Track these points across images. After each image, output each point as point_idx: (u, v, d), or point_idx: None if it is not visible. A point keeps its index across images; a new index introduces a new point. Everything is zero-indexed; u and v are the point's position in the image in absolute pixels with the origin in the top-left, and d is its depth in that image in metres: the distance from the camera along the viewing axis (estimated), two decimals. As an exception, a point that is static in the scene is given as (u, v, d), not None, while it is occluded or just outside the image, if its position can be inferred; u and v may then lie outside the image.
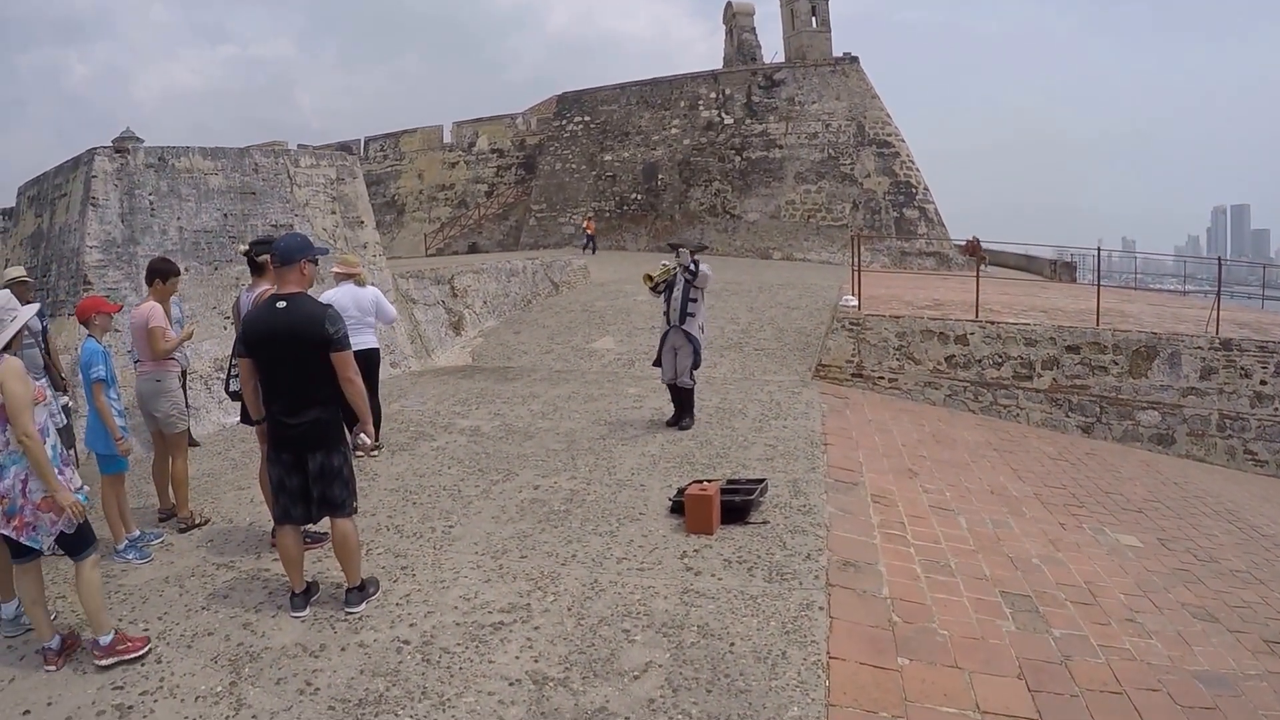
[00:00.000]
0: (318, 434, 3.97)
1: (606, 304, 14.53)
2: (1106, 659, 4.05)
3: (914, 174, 26.02)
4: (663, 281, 7.71)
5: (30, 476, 3.52)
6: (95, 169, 8.28)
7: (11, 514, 3.50)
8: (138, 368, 5.60)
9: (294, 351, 3.89)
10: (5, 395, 3.44)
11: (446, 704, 3.23)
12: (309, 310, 3.93)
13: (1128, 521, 6.85)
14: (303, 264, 4.05)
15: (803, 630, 3.78)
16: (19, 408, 3.43)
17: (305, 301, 3.98)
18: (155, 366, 5.35)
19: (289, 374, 3.93)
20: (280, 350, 3.90)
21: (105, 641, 3.58)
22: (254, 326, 4.00)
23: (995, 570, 5.00)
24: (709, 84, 29.49)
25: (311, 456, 3.97)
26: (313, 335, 3.88)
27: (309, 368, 3.92)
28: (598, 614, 3.96)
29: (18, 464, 3.51)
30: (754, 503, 5.24)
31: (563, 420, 8.01)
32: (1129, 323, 11.10)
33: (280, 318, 3.90)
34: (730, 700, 3.23)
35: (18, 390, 3.45)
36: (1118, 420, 10.03)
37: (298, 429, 3.94)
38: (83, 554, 3.63)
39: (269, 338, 3.91)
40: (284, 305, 3.93)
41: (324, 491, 4.00)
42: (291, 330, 3.87)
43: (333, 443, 4.03)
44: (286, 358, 3.91)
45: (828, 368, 10.69)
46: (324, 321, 3.89)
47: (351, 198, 11.15)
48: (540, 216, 31.76)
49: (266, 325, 3.93)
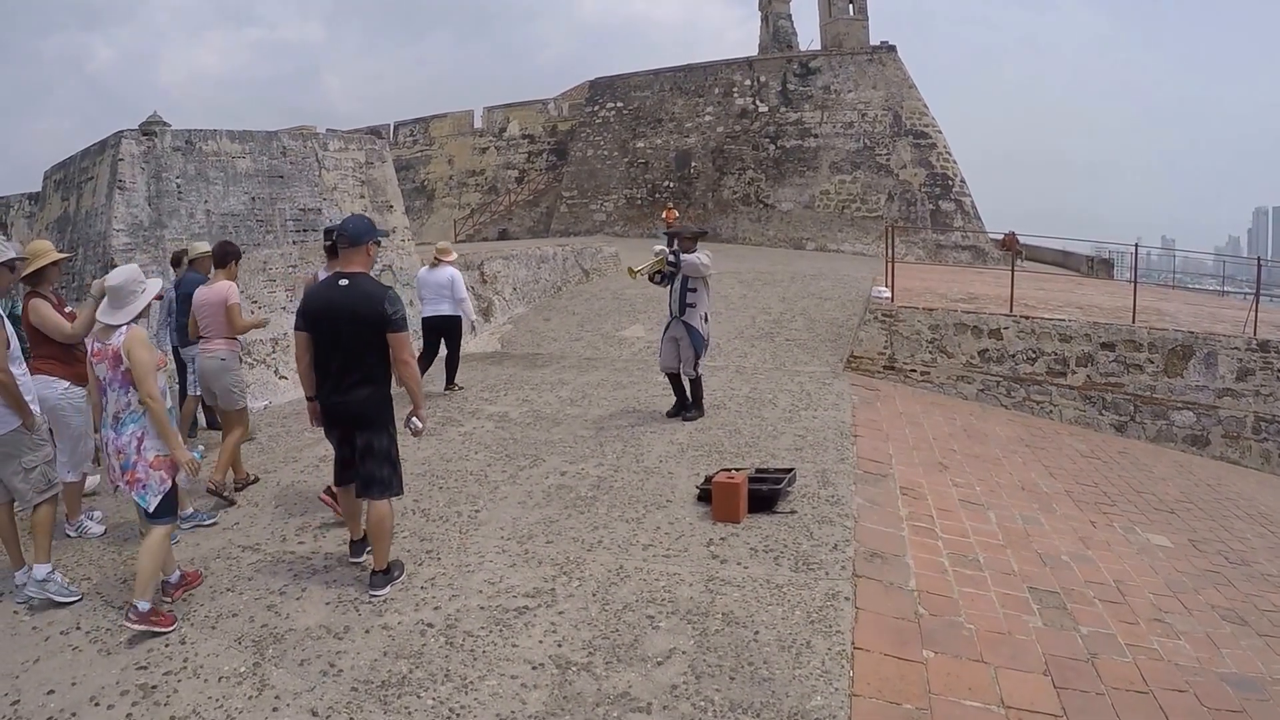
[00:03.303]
0: (366, 412, 4.06)
1: (637, 291, 14.52)
2: (1133, 658, 4.03)
3: (951, 166, 25.65)
4: (657, 273, 7.37)
5: (146, 435, 3.80)
6: (122, 152, 8.28)
7: (126, 469, 3.80)
8: (200, 345, 5.72)
9: (351, 328, 3.97)
10: (132, 361, 3.73)
11: (469, 687, 3.27)
12: (369, 289, 4.02)
13: (1159, 522, 6.77)
14: (368, 246, 4.15)
15: (828, 620, 3.79)
16: (145, 372, 3.73)
17: (366, 281, 4.07)
18: (223, 344, 5.58)
19: (343, 351, 4.01)
20: (337, 326, 3.98)
21: (143, 608, 3.70)
22: (314, 302, 4.10)
23: (1023, 566, 4.98)
24: (744, 71, 29.23)
25: (360, 434, 4.07)
26: (371, 313, 3.96)
27: (363, 345, 4.00)
28: (622, 600, 3.98)
29: (135, 423, 3.80)
30: (782, 492, 5.25)
31: (591, 407, 8.06)
32: (1165, 321, 10.92)
33: (341, 295, 3.99)
34: (753, 688, 3.25)
35: (144, 357, 3.75)
36: (1151, 420, 9.89)
37: (347, 406, 4.05)
38: (160, 519, 3.84)
39: (328, 313, 4.01)
40: (346, 283, 4.02)
41: (370, 471, 4.08)
42: (351, 307, 3.96)
43: (380, 423, 4.11)
44: (343, 334, 3.99)
45: (859, 359, 10.63)
46: (383, 301, 3.98)
47: (380, 182, 11.18)
48: (571, 203, 31.74)
49: (326, 301, 4.03)
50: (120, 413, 3.82)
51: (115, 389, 3.80)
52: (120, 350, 3.76)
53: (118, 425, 3.82)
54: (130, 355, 3.73)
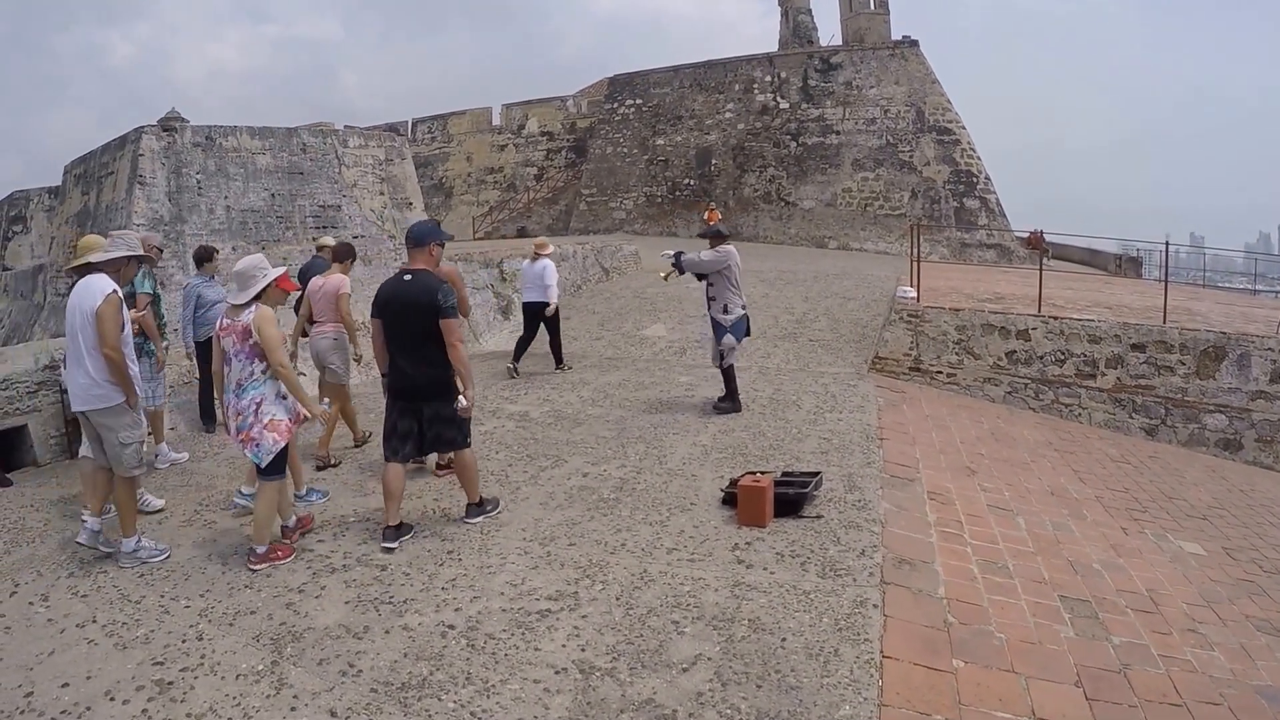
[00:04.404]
0: (429, 386, 4.72)
1: (658, 290, 14.48)
2: (1167, 669, 3.95)
3: (975, 163, 25.36)
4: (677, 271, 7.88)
5: (265, 401, 4.44)
6: (143, 147, 8.33)
7: (242, 429, 4.40)
8: (314, 328, 6.56)
9: (411, 316, 4.66)
10: (262, 336, 4.37)
11: (491, 690, 3.24)
12: (427, 283, 4.68)
13: (1191, 528, 6.65)
14: (431, 246, 4.89)
15: (856, 628, 3.75)
16: (274, 345, 4.38)
17: (426, 276, 4.74)
18: (332, 327, 6.47)
19: (407, 334, 4.70)
20: (401, 313, 4.69)
21: (261, 550, 4.37)
22: (384, 293, 4.82)
23: (1054, 574, 4.90)
24: (764, 67, 29.06)
25: (426, 405, 4.74)
26: (427, 303, 4.61)
27: (423, 330, 4.65)
28: (647, 604, 3.96)
29: (256, 390, 4.44)
30: (808, 496, 5.21)
31: (613, 407, 8.04)
32: (1197, 321, 10.71)
33: (404, 287, 4.72)
34: (780, 696, 3.21)
35: (271, 332, 4.41)
36: (1183, 423, 9.71)
37: (413, 380, 4.72)
38: (272, 476, 4.44)
39: (394, 303, 4.72)
40: (409, 278, 4.74)
41: (439, 433, 4.80)
42: (412, 298, 4.65)
43: (444, 394, 4.74)
44: (406, 319, 4.68)
45: (884, 360, 10.53)
46: (437, 293, 4.62)
47: (400, 179, 11.21)
48: (590, 201, 31.73)
49: (393, 292, 4.75)
50: (243, 380, 4.44)
51: (241, 359, 4.45)
52: (249, 326, 4.39)
53: (239, 391, 4.45)
54: (260, 331, 4.37)
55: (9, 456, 6.51)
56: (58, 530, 5.16)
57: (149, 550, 4.57)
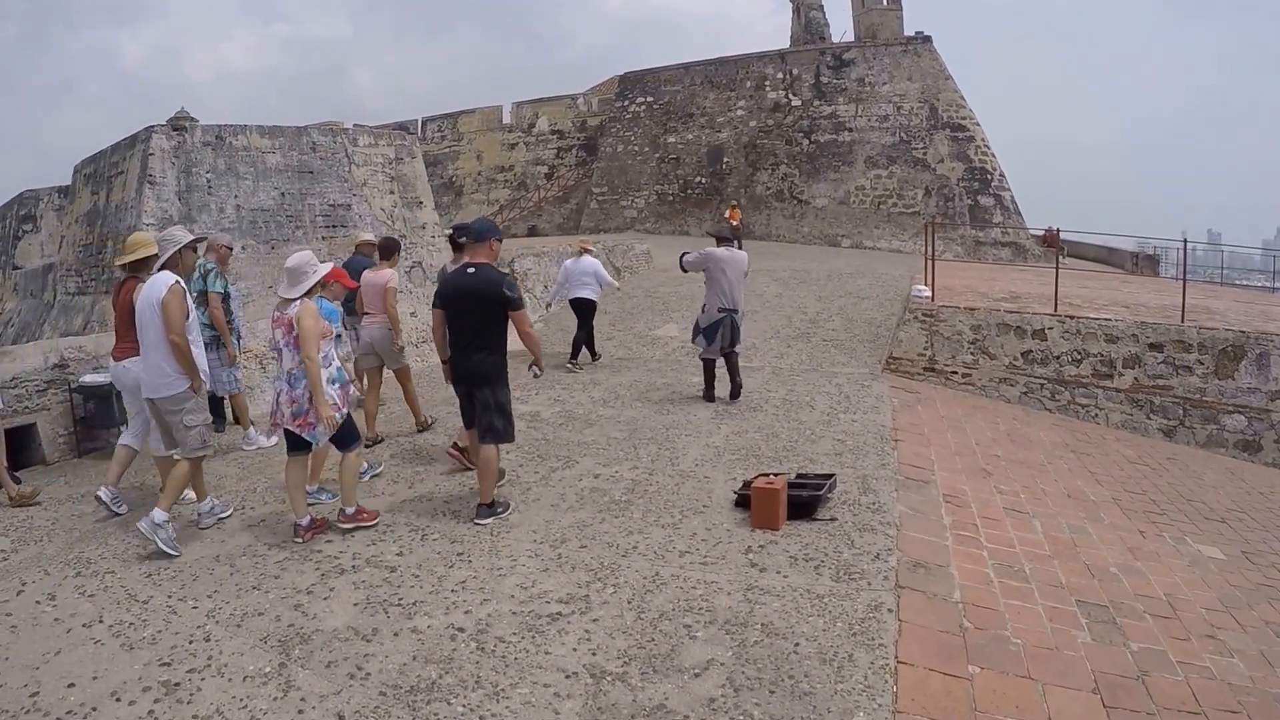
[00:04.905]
0: (484, 372, 5.03)
1: (670, 290, 14.44)
2: (1185, 676, 3.89)
3: (989, 160, 25.15)
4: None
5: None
6: (152, 147, 8.34)
7: (298, 415, 4.72)
8: (365, 318, 6.99)
9: (474, 306, 4.98)
10: (300, 328, 4.62)
11: (500, 694, 3.22)
12: (490, 276, 4.99)
13: (1210, 532, 6.56)
14: (491, 242, 5.16)
15: (870, 633, 3.71)
16: (307, 338, 4.63)
17: (489, 270, 5.05)
18: (383, 316, 6.87)
19: (468, 324, 5.01)
20: (465, 305, 5.01)
21: (350, 511, 4.86)
22: (447, 285, 5.21)
23: (1071, 578, 4.84)
24: (776, 64, 28.92)
25: (479, 390, 5.05)
26: (491, 295, 4.93)
27: (484, 320, 4.98)
28: (658, 608, 3.93)
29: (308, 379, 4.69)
30: (822, 498, 5.17)
31: (624, 408, 8.01)
32: (1215, 320, 10.56)
33: (468, 280, 5.00)
34: (794, 703, 3.18)
35: (309, 325, 4.66)
36: (1201, 424, 9.60)
37: (470, 366, 5.05)
38: (349, 447, 4.93)
39: (458, 294, 5.04)
40: (472, 271, 5.02)
41: (489, 421, 5.03)
42: (476, 290, 4.96)
43: (496, 381, 5.06)
44: (469, 311, 5.00)
45: (899, 360, 10.46)
46: (502, 286, 4.95)
47: (410, 178, 11.19)
48: (601, 200, 31.70)
49: (456, 285, 5.07)
50: (294, 369, 4.73)
51: (290, 350, 4.73)
52: (294, 319, 4.67)
53: (291, 379, 4.75)
54: (299, 323, 4.64)
55: (17, 455, 6.54)
56: (65, 529, 5.19)
57: (221, 506, 5.21)
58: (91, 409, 6.90)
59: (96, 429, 7.03)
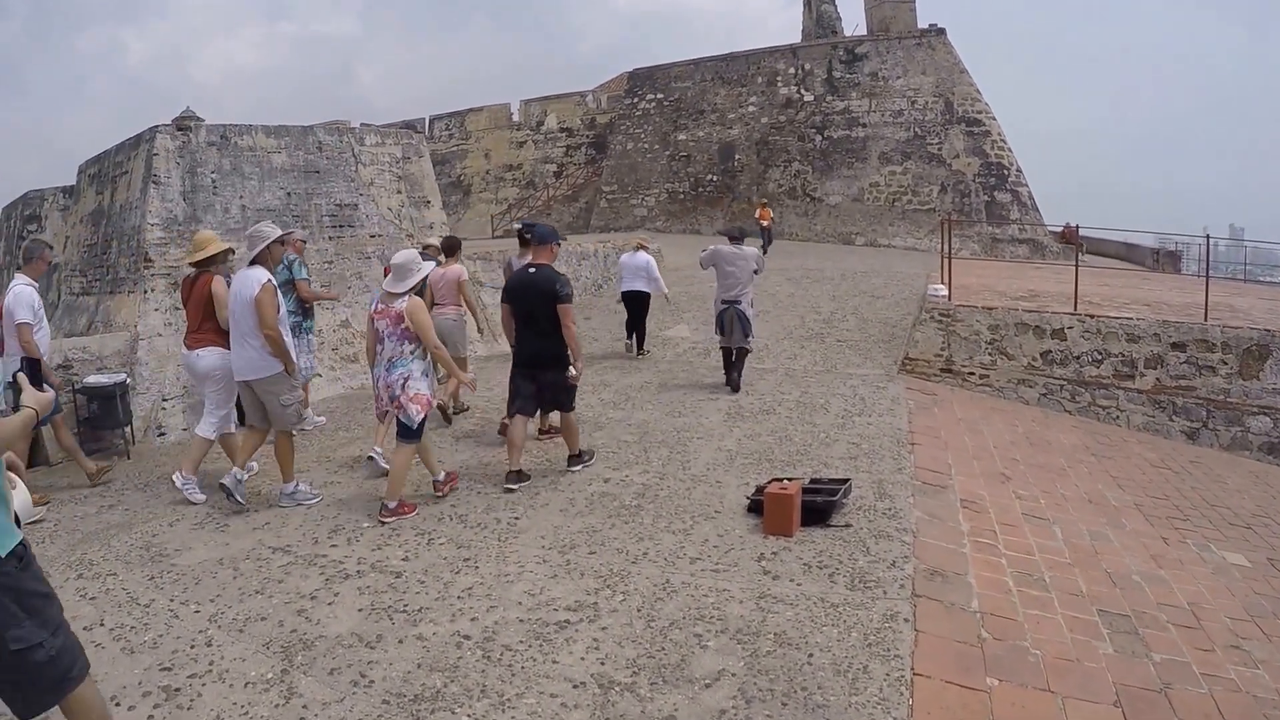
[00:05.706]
0: (547, 358, 5.77)
1: (681, 290, 14.34)
2: (1209, 689, 3.78)
3: (1006, 154, 24.87)
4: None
5: (410, 378, 5.14)
6: (157, 147, 8.30)
7: (393, 399, 5.16)
8: (435, 309, 7.28)
9: (535, 301, 5.73)
10: (416, 323, 5.10)
11: (506, 704, 3.16)
12: (548, 275, 5.76)
13: (1234, 538, 6.42)
14: (551, 246, 5.99)
15: (886, 643, 3.63)
16: (428, 329, 5.17)
17: (548, 270, 5.82)
18: (453, 309, 7.58)
19: (531, 315, 5.76)
20: (527, 299, 5.77)
21: (391, 505, 5.12)
22: (513, 282, 6.01)
23: (1092, 586, 4.73)
24: (787, 59, 28.73)
25: (542, 373, 5.78)
26: (548, 291, 5.66)
27: (544, 313, 5.70)
28: (668, 616, 3.85)
29: (404, 367, 5.15)
30: (837, 504, 5.07)
31: (635, 411, 7.94)
32: (1239, 318, 10.36)
33: (530, 278, 5.80)
34: (807, 715, 3.10)
35: (424, 319, 5.17)
36: (1225, 426, 9.41)
37: (534, 352, 5.80)
38: (410, 440, 5.22)
39: (521, 290, 5.82)
40: (534, 270, 5.83)
41: (554, 397, 5.89)
42: (536, 287, 5.73)
43: (559, 365, 5.77)
44: (531, 305, 5.75)
45: (915, 361, 10.32)
46: (556, 283, 5.68)
47: (418, 177, 11.13)
48: (611, 198, 31.59)
49: (520, 282, 5.88)
50: (394, 358, 5.16)
51: (393, 340, 5.15)
52: (402, 312, 5.09)
53: (389, 367, 5.17)
54: (414, 318, 5.09)
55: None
56: (67, 531, 5.18)
57: (305, 494, 5.50)
58: (95, 410, 6.89)
59: (100, 430, 7.02)
